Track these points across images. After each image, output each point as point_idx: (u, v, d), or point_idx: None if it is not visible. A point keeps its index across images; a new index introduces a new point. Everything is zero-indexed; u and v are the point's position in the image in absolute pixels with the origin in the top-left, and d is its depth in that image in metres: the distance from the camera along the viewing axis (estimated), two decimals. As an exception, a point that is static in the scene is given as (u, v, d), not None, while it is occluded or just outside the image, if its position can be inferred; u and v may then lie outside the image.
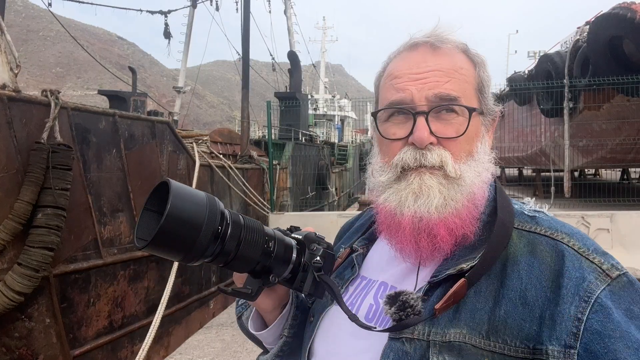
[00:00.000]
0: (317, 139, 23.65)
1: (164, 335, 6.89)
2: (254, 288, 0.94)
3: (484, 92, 1.02)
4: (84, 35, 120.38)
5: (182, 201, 0.77)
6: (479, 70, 1.02)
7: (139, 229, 0.83)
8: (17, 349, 4.95)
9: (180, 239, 0.77)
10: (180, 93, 24.53)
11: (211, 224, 0.80)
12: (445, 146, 0.95)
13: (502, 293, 0.87)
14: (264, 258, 0.90)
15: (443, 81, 0.96)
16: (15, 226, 4.68)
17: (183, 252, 0.79)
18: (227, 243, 0.84)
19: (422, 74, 0.97)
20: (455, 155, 0.95)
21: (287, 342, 1.12)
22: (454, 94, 0.95)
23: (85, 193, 5.60)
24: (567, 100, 12.57)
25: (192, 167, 7.92)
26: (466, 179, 0.95)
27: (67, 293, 5.40)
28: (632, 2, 10.57)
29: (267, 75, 32.41)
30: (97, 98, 63.92)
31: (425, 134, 0.94)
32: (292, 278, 0.96)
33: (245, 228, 0.87)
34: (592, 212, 8.49)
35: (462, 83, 0.98)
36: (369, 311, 1.01)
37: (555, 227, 0.94)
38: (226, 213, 0.85)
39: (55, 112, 5.06)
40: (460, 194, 0.94)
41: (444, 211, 0.92)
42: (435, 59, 0.98)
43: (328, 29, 56.66)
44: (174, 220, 0.76)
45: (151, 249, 0.77)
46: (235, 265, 0.88)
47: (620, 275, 0.87)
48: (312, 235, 1.00)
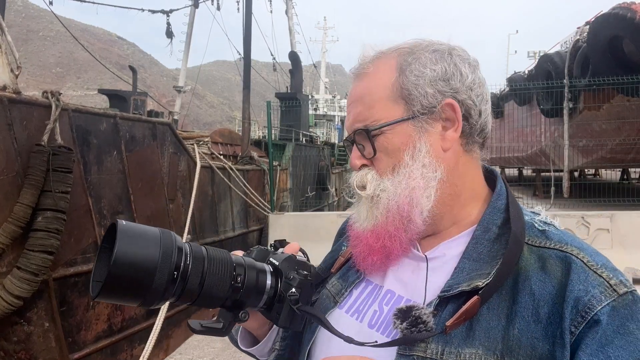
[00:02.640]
0: (317, 139, 23.63)
1: (163, 338, 6.88)
2: (226, 322, 0.88)
3: (412, 95, 0.97)
4: (84, 35, 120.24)
5: (131, 244, 0.72)
6: (401, 75, 0.98)
7: (96, 272, 0.77)
8: (16, 353, 4.92)
9: (134, 284, 0.72)
10: (181, 92, 24.52)
11: (166, 263, 0.74)
12: (375, 165, 1.01)
13: (514, 310, 0.86)
14: (232, 293, 0.84)
15: (357, 111, 1.01)
16: (15, 229, 4.63)
17: (141, 297, 0.74)
18: (189, 281, 0.78)
19: (348, 108, 1.06)
20: (380, 172, 0.99)
21: (280, 354, 1.10)
22: (363, 122, 1.00)
23: (86, 195, 5.58)
24: (567, 101, 12.58)
25: (193, 169, 7.92)
26: (383, 197, 0.97)
27: (67, 296, 5.38)
28: (632, 2, 10.58)
29: (267, 75, 32.41)
30: (97, 98, 63.93)
31: (355, 160, 1.03)
32: (269, 308, 0.92)
33: (209, 261, 0.81)
34: (592, 212, 8.48)
35: (371, 104, 1.00)
36: (372, 317, 0.99)
37: (566, 241, 0.93)
38: (185, 248, 0.79)
39: (56, 113, 5.02)
40: (378, 210, 0.98)
41: (367, 227, 1.00)
42: (354, 87, 1.04)
43: (329, 29, 56.67)
44: (124, 265, 0.70)
45: (105, 296, 0.72)
46: (203, 303, 0.82)
47: (627, 292, 0.85)
48: (292, 260, 0.96)
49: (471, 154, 1.02)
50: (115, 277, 0.70)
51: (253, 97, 13.32)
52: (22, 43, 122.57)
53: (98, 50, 74.88)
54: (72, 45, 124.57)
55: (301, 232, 8.70)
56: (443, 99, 0.97)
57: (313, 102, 38.79)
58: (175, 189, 7.54)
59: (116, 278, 0.70)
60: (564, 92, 12.50)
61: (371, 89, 1.01)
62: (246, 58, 12.97)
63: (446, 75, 0.98)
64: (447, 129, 0.98)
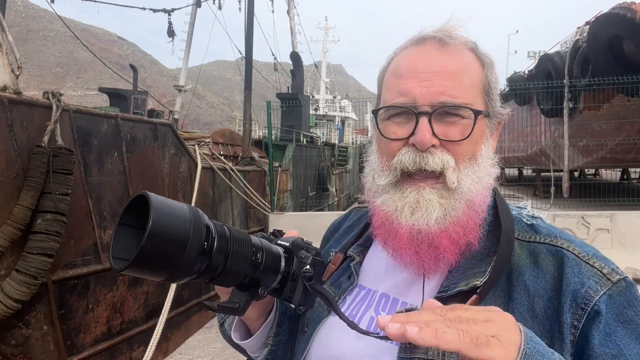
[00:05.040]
0: (317, 140, 23.62)
1: (162, 341, 6.87)
2: (242, 302, 0.89)
3: (491, 94, 0.98)
4: (84, 35, 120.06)
5: (164, 216, 0.71)
6: (487, 71, 0.97)
7: (114, 248, 0.75)
8: (14, 356, 4.88)
9: (165, 257, 0.71)
10: (182, 92, 24.51)
11: (197, 239, 0.74)
12: (448, 149, 0.92)
13: (510, 307, 0.86)
14: (252, 270, 0.85)
15: (449, 85, 0.91)
16: (14, 232, 4.59)
17: (168, 271, 0.74)
18: (214, 258, 0.78)
19: (426, 75, 0.92)
20: (458, 159, 0.92)
21: (272, 350, 1.08)
22: (460, 100, 0.91)
23: (86, 197, 5.55)
24: (567, 100, 12.58)
25: (194, 170, 7.91)
26: (466, 186, 0.91)
27: (66, 299, 5.34)
28: (632, 2, 10.58)
29: (267, 75, 32.37)
30: (97, 98, 63.82)
31: (428, 136, 0.90)
32: (281, 288, 0.92)
33: (232, 240, 0.81)
34: (592, 212, 8.47)
35: (469, 85, 0.94)
36: (369, 325, 0.98)
37: (555, 234, 0.94)
38: (211, 226, 0.79)
39: (56, 114, 4.98)
40: (459, 202, 0.91)
41: (444, 222, 0.90)
42: (442, 58, 0.94)
43: (330, 29, 56.63)
44: (158, 238, 0.69)
45: (133, 270, 0.71)
46: (222, 280, 0.83)
47: (620, 279, 0.86)
48: (299, 242, 0.95)
49: None
50: (148, 250, 0.69)
51: (253, 97, 13.32)
52: (22, 43, 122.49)
53: (98, 50, 74.62)
54: (72, 45, 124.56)
55: (301, 232, 8.45)
56: (502, 110, 1.02)
57: (313, 103, 38.77)
58: (176, 190, 7.53)
59: (149, 251, 0.69)
60: (564, 92, 12.50)
61: (467, 70, 0.96)
62: (248, 58, 12.91)
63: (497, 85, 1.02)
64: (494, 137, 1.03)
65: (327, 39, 55.99)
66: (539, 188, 15.21)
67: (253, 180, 10.85)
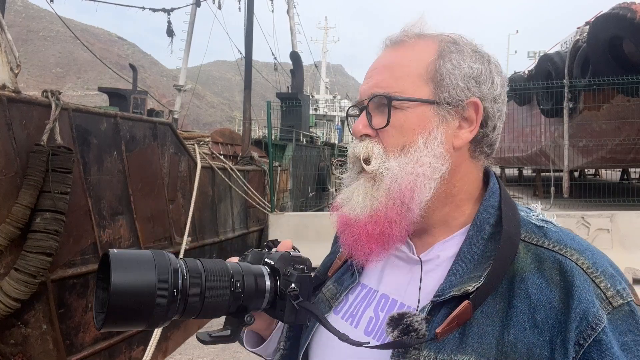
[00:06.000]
0: (317, 140, 23.63)
1: (162, 340, 6.87)
2: (233, 328, 0.90)
3: (444, 81, 0.94)
4: (84, 35, 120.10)
5: (126, 271, 0.73)
6: (440, 59, 0.95)
7: (97, 302, 0.78)
8: (13, 355, 4.87)
9: (136, 310, 0.73)
10: (181, 91, 24.51)
11: (164, 285, 0.75)
12: (381, 138, 0.95)
13: (510, 315, 0.83)
14: (234, 300, 0.85)
15: (382, 77, 0.96)
16: (13, 230, 4.58)
17: (145, 322, 0.75)
18: (190, 297, 0.79)
19: (370, 72, 1.00)
20: (387, 147, 0.94)
21: (285, 354, 1.10)
22: (386, 89, 0.94)
23: (85, 196, 5.54)
24: (567, 101, 12.57)
25: (193, 169, 7.91)
26: (388, 175, 0.92)
27: (65, 298, 5.33)
28: (632, 2, 10.57)
29: (267, 75, 32.38)
30: (97, 98, 63.82)
31: (360, 126, 0.96)
32: (272, 307, 0.93)
33: (206, 274, 0.82)
34: (592, 212, 8.47)
35: (401, 75, 0.95)
36: (368, 324, 0.98)
37: (565, 242, 0.89)
38: (181, 266, 0.80)
39: (55, 113, 4.97)
40: (380, 192, 0.92)
41: (365, 211, 0.92)
42: (386, 55, 1.00)
43: (330, 29, 56.68)
44: (122, 295, 0.71)
45: (109, 327, 0.73)
46: (207, 315, 0.84)
47: (623, 304, 0.82)
48: (287, 256, 0.96)
49: (476, 161, 1.00)
50: (116, 307, 0.71)
51: (253, 97, 13.32)
52: (22, 43, 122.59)
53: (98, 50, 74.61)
54: (72, 45, 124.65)
55: (301, 232, 8.68)
56: (471, 96, 0.95)
57: (313, 103, 38.80)
58: (176, 189, 7.53)
59: (117, 308, 0.71)
60: (564, 92, 12.50)
61: (405, 60, 0.97)
62: (247, 57, 12.92)
63: (480, 77, 0.96)
64: (462, 128, 0.96)
65: (327, 38, 56.06)
66: (539, 188, 15.21)
67: (253, 179, 10.85)
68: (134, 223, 6.32)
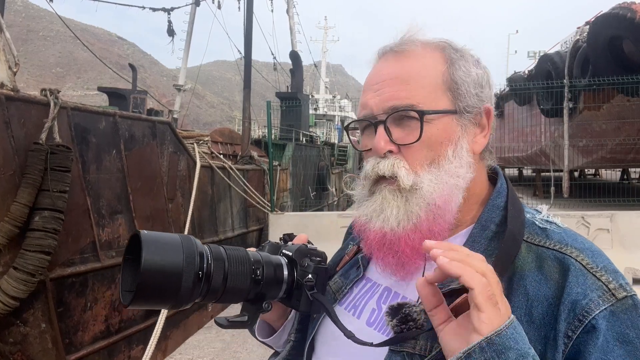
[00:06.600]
0: (317, 139, 23.64)
1: (161, 340, 6.86)
2: (250, 314, 0.94)
3: (460, 90, 0.95)
4: (84, 35, 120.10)
5: (156, 252, 0.77)
6: (451, 67, 0.96)
7: (123, 282, 0.82)
8: (12, 354, 4.87)
9: (163, 289, 0.77)
10: (181, 91, 24.52)
11: (190, 267, 0.79)
12: (404, 154, 0.94)
13: None
14: (254, 286, 0.89)
15: (398, 89, 0.94)
16: (12, 229, 4.59)
17: (170, 301, 0.79)
18: (213, 281, 0.83)
19: (379, 84, 0.96)
20: (413, 163, 0.93)
21: (295, 345, 1.12)
22: (407, 101, 0.92)
23: (84, 195, 5.54)
24: (567, 100, 12.58)
25: (192, 168, 7.90)
26: (424, 190, 0.92)
27: (64, 297, 5.33)
28: (632, 2, 10.58)
29: (267, 74, 32.38)
30: (97, 98, 63.84)
31: (382, 143, 0.94)
32: (289, 296, 0.97)
33: (229, 261, 0.86)
34: (592, 212, 8.46)
35: (421, 85, 0.94)
36: (370, 316, 1.00)
37: (566, 241, 0.90)
38: (205, 251, 0.83)
39: (54, 112, 4.98)
40: (418, 206, 0.92)
41: (405, 226, 0.92)
42: (394, 65, 0.97)
43: (329, 28, 56.70)
44: (152, 274, 0.76)
45: (137, 304, 0.77)
46: (227, 299, 0.87)
47: (627, 297, 0.83)
48: (304, 249, 0.99)
49: (484, 161, 1.03)
50: (145, 285, 0.75)
51: (253, 97, 13.32)
52: (22, 43, 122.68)
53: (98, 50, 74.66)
54: (72, 45, 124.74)
55: (301, 232, 8.38)
56: (483, 102, 0.98)
57: (313, 102, 38.82)
58: (175, 188, 7.52)
59: (146, 286, 0.76)
60: (564, 92, 12.51)
61: (420, 70, 0.96)
62: (247, 57, 12.94)
63: (482, 82, 0.99)
64: (477, 133, 0.99)
65: (327, 38, 56.10)
66: (539, 188, 15.22)
67: (252, 179, 10.84)
68: (133, 222, 6.31)
